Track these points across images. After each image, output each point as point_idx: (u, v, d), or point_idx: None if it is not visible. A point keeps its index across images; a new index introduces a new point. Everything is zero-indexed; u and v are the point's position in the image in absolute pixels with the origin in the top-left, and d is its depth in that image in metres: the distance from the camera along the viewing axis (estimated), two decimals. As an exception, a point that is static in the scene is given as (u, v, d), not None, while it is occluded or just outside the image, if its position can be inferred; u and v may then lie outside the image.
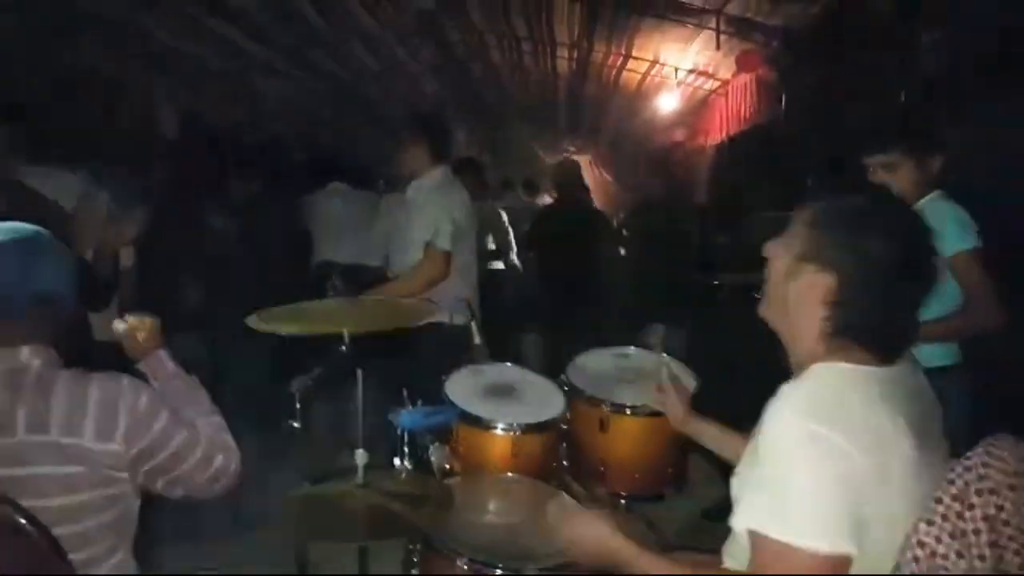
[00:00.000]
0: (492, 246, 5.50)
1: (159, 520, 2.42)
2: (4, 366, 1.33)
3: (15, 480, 1.24)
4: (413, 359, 2.92)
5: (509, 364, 2.61)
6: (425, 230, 3.13)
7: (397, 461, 2.14)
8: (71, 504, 1.30)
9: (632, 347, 2.62)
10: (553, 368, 2.55)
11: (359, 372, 1.86)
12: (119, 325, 1.65)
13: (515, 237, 5.60)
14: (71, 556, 1.23)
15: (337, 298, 2.04)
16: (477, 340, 2.75)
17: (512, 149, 11.28)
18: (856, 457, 1.05)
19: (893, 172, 2.45)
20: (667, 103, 7.28)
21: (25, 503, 1.19)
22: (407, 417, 2.22)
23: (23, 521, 1.15)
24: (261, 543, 2.54)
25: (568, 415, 2.28)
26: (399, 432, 2.20)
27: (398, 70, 6.97)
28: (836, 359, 1.17)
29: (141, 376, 1.56)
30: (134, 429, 1.34)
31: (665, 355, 2.24)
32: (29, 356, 1.35)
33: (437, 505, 1.78)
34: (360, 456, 1.79)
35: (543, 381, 2.47)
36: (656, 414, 2.07)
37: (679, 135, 8.11)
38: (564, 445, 2.29)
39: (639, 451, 2.25)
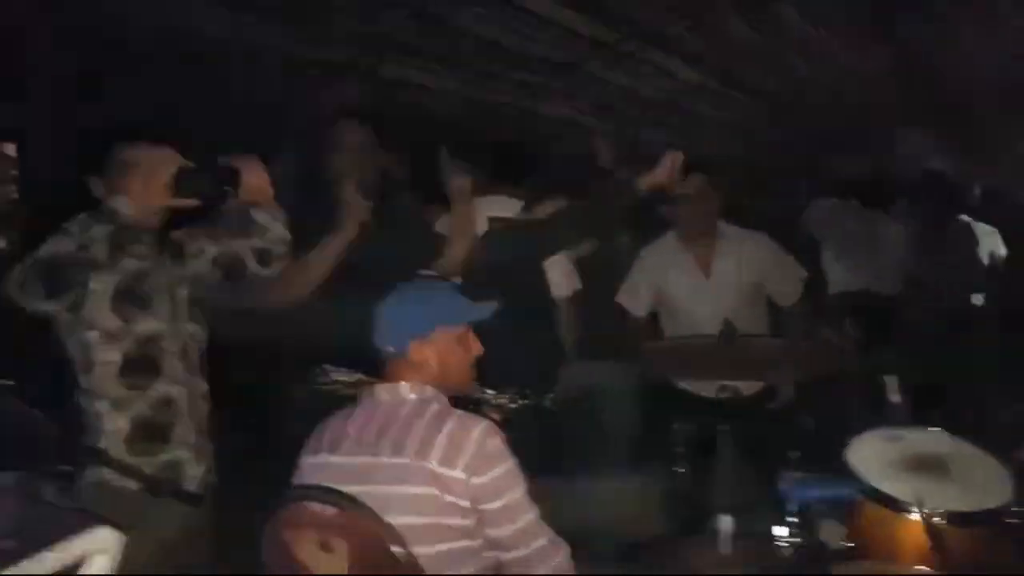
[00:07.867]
0: None
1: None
2: (389, 397, 1.50)
3: (369, 496, 1.37)
4: (805, 414, 2.55)
5: (939, 430, 2.10)
6: None
7: (777, 532, 1.87)
8: (417, 524, 1.37)
9: None
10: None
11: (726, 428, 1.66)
12: None
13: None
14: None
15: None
16: (895, 397, 2.29)
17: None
18: None
19: None
20: None
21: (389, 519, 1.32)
22: (796, 486, 1.93)
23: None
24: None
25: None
26: (784, 501, 1.93)
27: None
28: None
29: None
30: (476, 462, 1.39)
31: None
32: (407, 391, 1.51)
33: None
34: (725, 523, 1.59)
35: (985, 458, 1.92)
36: None
37: None
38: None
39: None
